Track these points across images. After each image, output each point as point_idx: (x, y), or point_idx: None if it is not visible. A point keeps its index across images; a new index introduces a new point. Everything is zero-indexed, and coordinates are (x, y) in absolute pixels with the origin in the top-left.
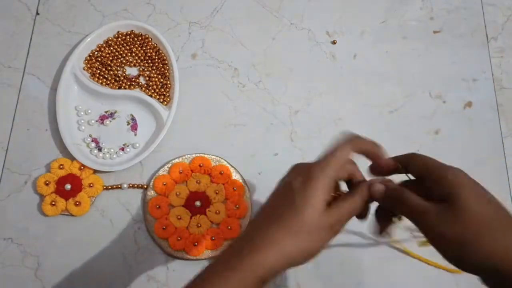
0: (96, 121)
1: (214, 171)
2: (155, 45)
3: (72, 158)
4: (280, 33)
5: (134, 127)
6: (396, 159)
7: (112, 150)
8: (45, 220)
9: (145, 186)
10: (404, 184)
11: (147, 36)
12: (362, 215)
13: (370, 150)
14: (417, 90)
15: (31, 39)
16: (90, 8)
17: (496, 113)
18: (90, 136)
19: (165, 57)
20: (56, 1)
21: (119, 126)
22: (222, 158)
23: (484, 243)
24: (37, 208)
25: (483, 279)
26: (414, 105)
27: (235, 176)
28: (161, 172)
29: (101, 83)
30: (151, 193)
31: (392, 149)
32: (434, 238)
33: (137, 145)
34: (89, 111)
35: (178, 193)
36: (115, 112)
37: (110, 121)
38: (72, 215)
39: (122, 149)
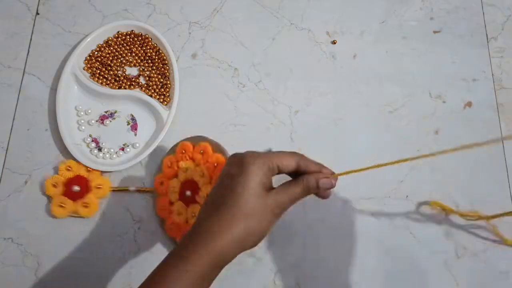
0: (96, 121)
1: (195, 154)
2: (155, 45)
3: (74, 159)
4: (280, 33)
5: (134, 127)
6: None
7: (112, 150)
8: (51, 222)
9: (152, 189)
10: None
11: (147, 36)
12: (323, 196)
13: (312, 170)
14: (417, 90)
15: (31, 39)
16: (90, 8)
17: (496, 113)
18: (90, 136)
19: (165, 57)
20: (56, 1)
21: (119, 126)
22: (200, 136)
23: None
24: (44, 210)
25: None
26: (414, 105)
27: (216, 151)
28: (158, 172)
29: (101, 83)
30: (155, 195)
31: (392, 149)
32: None
33: (137, 145)
34: (89, 111)
35: (173, 188)
36: (115, 112)
37: (110, 121)
38: (80, 216)
39: (122, 149)
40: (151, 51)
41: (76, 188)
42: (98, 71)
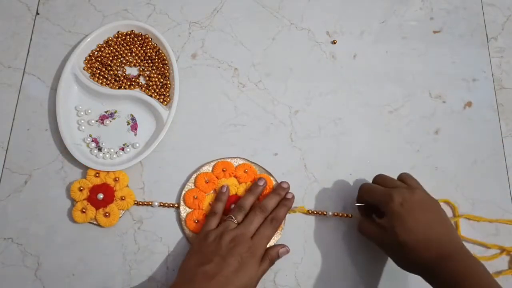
0: (96, 121)
1: (238, 172)
2: (155, 45)
3: (74, 159)
4: (280, 33)
5: (134, 127)
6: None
7: (112, 150)
8: (72, 226)
9: (176, 205)
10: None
11: (147, 36)
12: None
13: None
14: (417, 90)
15: (31, 39)
16: (90, 8)
17: (496, 113)
18: (90, 136)
19: (165, 57)
20: (56, 1)
21: (119, 126)
22: (240, 158)
23: (405, 258)
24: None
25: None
26: (414, 105)
27: (259, 171)
28: (187, 187)
29: (101, 83)
30: (184, 210)
31: (392, 149)
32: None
33: (137, 145)
34: (89, 111)
35: (211, 202)
36: (115, 112)
37: (110, 121)
38: (99, 225)
39: (122, 149)
40: (151, 51)
41: (101, 196)
42: (98, 71)
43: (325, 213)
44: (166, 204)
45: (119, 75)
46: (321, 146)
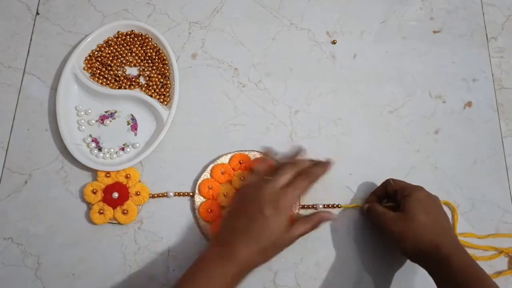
0: (96, 121)
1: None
2: (155, 45)
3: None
4: (280, 33)
5: (134, 127)
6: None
7: (112, 150)
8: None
9: (191, 194)
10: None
11: (147, 36)
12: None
13: None
14: (417, 90)
15: (31, 39)
16: (90, 8)
17: (496, 113)
18: (90, 136)
19: (165, 57)
20: (56, 1)
21: (119, 126)
22: (258, 151)
23: (416, 239)
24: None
25: (420, 265)
26: (414, 105)
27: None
28: (203, 177)
29: (101, 83)
30: (199, 199)
31: (392, 149)
32: (388, 232)
33: (137, 145)
34: (89, 111)
35: (225, 193)
36: (115, 112)
37: (110, 121)
38: (119, 223)
39: (122, 149)
40: (151, 51)
41: (116, 194)
42: (98, 71)
43: (315, 206)
44: (181, 193)
45: (119, 75)
46: (321, 146)
